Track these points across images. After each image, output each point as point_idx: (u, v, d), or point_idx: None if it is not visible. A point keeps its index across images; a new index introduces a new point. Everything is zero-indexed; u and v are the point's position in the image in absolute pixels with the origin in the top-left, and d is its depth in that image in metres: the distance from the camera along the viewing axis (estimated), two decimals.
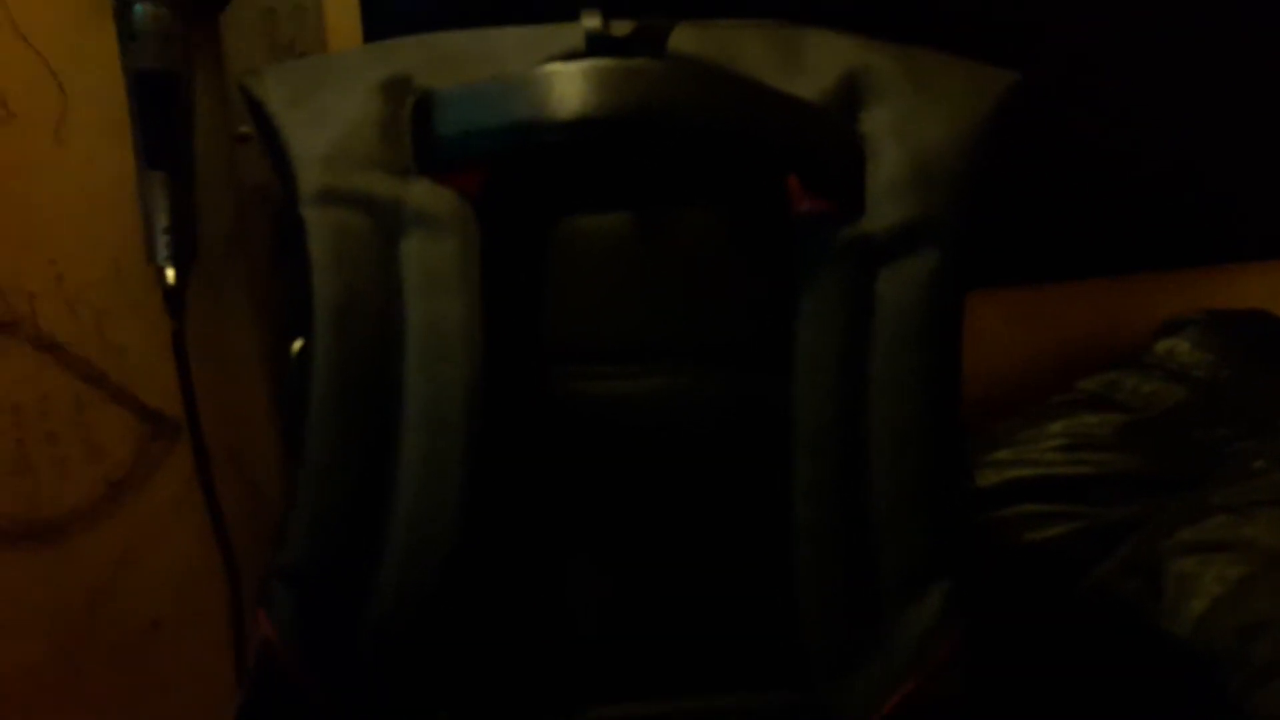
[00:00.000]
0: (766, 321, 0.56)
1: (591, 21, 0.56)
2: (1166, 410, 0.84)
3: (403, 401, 0.52)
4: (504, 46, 0.58)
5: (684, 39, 0.57)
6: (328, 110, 0.55)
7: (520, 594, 0.57)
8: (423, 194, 0.54)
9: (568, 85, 0.52)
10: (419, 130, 0.55)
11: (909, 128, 0.55)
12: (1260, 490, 0.75)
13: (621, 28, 0.56)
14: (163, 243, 0.68)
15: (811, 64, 0.57)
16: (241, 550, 0.75)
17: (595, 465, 0.57)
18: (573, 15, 0.57)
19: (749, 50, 0.57)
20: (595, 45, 0.55)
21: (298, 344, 0.56)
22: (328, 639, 0.52)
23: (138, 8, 0.64)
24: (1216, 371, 0.86)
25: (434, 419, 0.52)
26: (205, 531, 0.74)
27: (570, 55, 0.56)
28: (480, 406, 0.52)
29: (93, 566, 0.76)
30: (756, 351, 0.57)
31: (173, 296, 0.69)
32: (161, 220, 0.68)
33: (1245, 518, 0.74)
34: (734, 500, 0.57)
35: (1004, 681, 0.57)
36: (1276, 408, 0.82)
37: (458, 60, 0.57)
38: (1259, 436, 0.80)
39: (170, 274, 0.69)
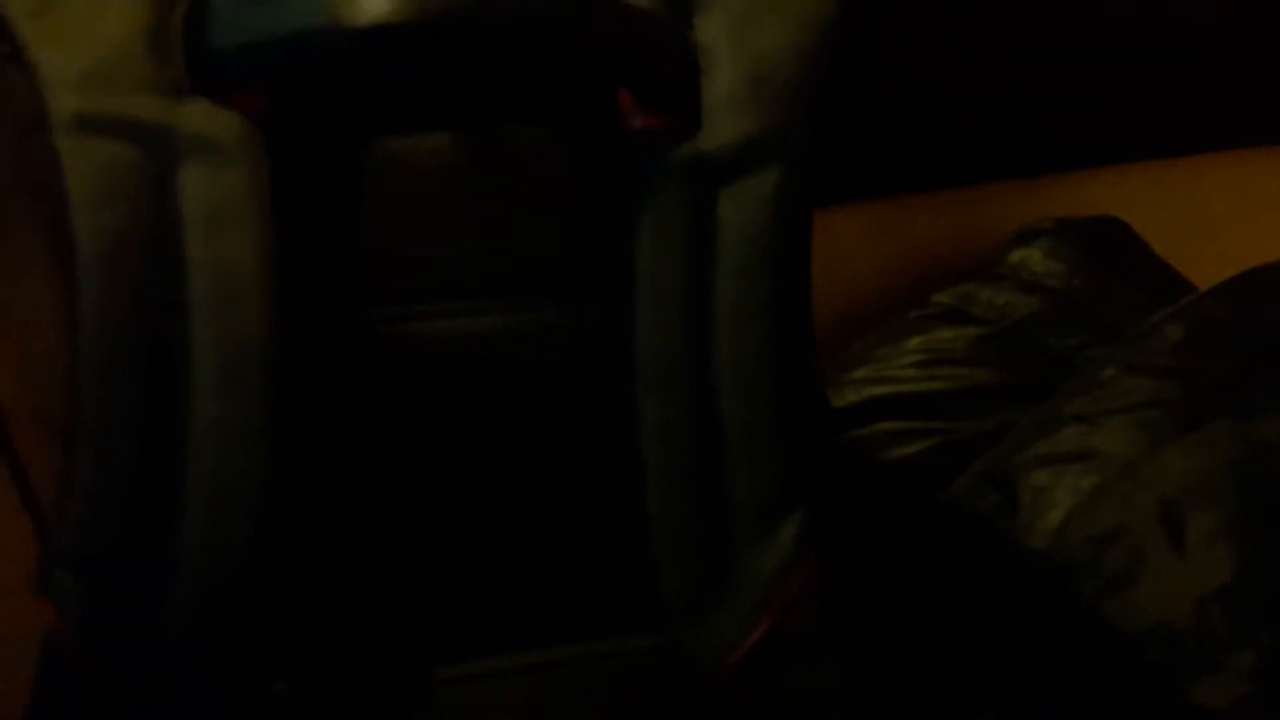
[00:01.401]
0: (606, 250, 0.52)
1: None
2: (1020, 321, 0.85)
3: (190, 357, 0.47)
4: None
5: None
6: (82, 21, 0.47)
7: (354, 555, 0.53)
8: (199, 117, 0.47)
9: None
10: (192, 43, 0.48)
11: (747, 36, 0.51)
12: (1110, 399, 0.76)
13: None
14: None
15: None
16: (51, 507, 0.69)
17: (427, 413, 0.53)
18: None
19: None
20: None
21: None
22: (124, 629, 0.47)
23: None
24: (1068, 280, 0.86)
25: (227, 376, 0.47)
26: (9, 487, 0.68)
27: None
28: (282, 359, 0.47)
29: None
30: (597, 282, 0.53)
31: None
32: None
33: (1096, 427, 0.75)
34: (581, 442, 0.54)
35: (862, 606, 0.56)
36: (1126, 315, 0.83)
37: None
38: (1109, 344, 0.81)
39: None
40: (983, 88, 0.88)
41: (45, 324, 0.70)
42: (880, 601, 0.65)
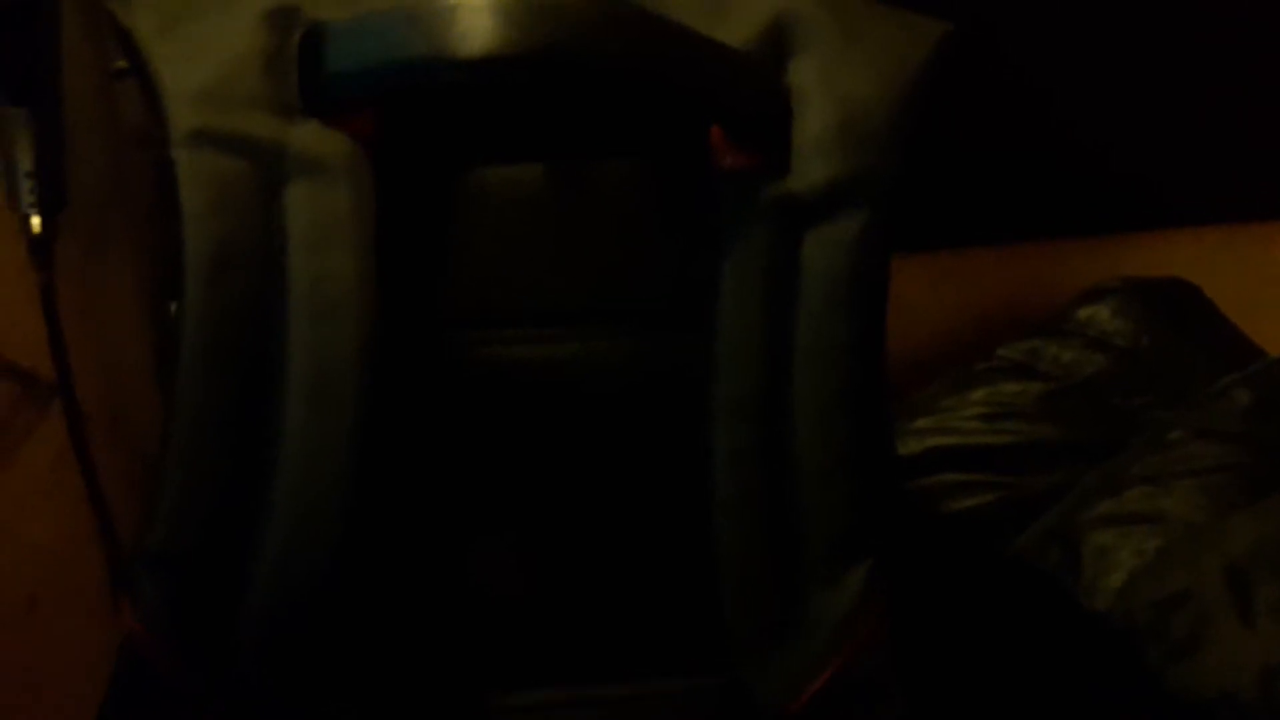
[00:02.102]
0: (687, 283, 0.53)
1: None
2: (1087, 378, 0.84)
3: (286, 368, 0.48)
4: None
5: None
6: (205, 41, 0.50)
7: (425, 576, 0.53)
8: (310, 137, 0.49)
9: (472, 19, 0.48)
10: (307, 66, 0.50)
11: (838, 80, 0.52)
12: (1176, 461, 0.75)
13: None
14: (26, 188, 0.62)
15: (737, 8, 0.53)
16: (125, 522, 0.70)
17: (505, 437, 0.53)
18: None
19: None
20: None
21: (176, 305, 0.51)
22: (203, 631, 0.48)
23: None
24: (1136, 340, 0.86)
25: (320, 388, 0.48)
26: (84, 502, 0.69)
27: None
28: (373, 375, 0.48)
29: None
30: (676, 315, 0.53)
31: (39, 247, 0.64)
32: (24, 163, 0.62)
33: (1162, 489, 0.74)
34: (653, 472, 0.54)
35: (928, 658, 0.55)
36: (1194, 377, 0.82)
37: None
38: (1176, 406, 0.80)
39: (35, 222, 0.63)
40: (1057, 143, 0.88)
41: (129, 335, 0.72)
42: (944, 654, 0.64)
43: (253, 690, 0.48)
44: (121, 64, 0.64)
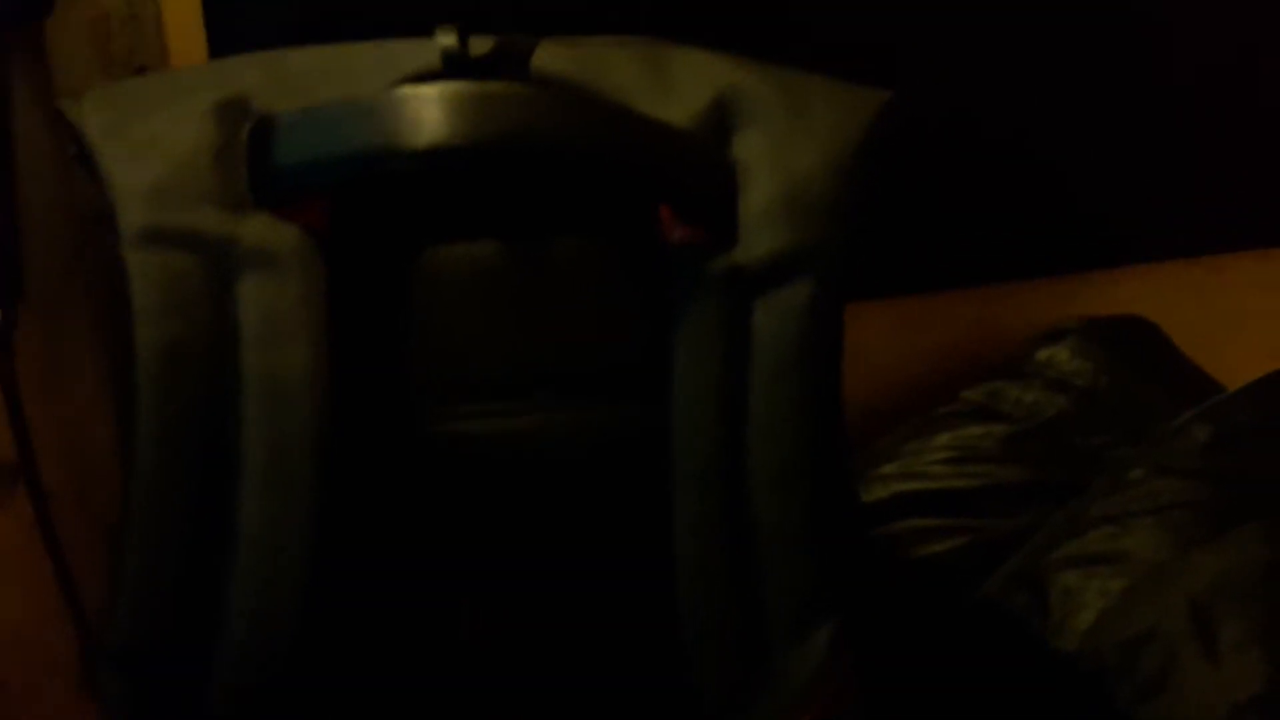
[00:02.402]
0: (642, 354, 0.53)
1: (447, 39, 0.52)
2: (1048, 419, 0.85)
3: (241, 458, 0.48)
4: (355, 65, 0.54)
5: (548, 58, 0.53)
6: (154, 139, 0.50)
7: (390, 648, 0.54)
8: (260, 230, 0.49)
9: (420, 110, 0.49)
10: (256, 159, 0.50)
11: (781, 154, 0.53)
12: (1137, 500, 0.76)
13: (481, 45, 0.53)
14: None
15: (681, 85, 0.54)
16: (94, 601, 0.70)
17: (469, 508, 0.54)
18: (431, 31, 0.53)
19: (616, 70, 0.54)
20: (452, 65, 0.52)
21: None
22: (178, 706, 0.48)
23: None
24: (1095, 379, 0.87)
25: (275, 477, 0.48)
26: (52, 582, 0.69)
27: (426, 76, 0.52)
28: (327, 462, 0.48)
29: None
30: (632, 385, 0.54)
31: None
32: None
33: (1124, 528, 0.75)
34: (616, 538, 0.55)
35: (896, 707, 0.56)
36: (1153, 414, 0.83)
37: (303, 80, 0.53)
38: (1137, 444, 0.81)
39: None
40: (1011, 185, 0.89)
41: (93, 417, 0.72)
42: (914, 702, 0.64)
43: None
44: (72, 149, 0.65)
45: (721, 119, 0.54)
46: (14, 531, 0.70)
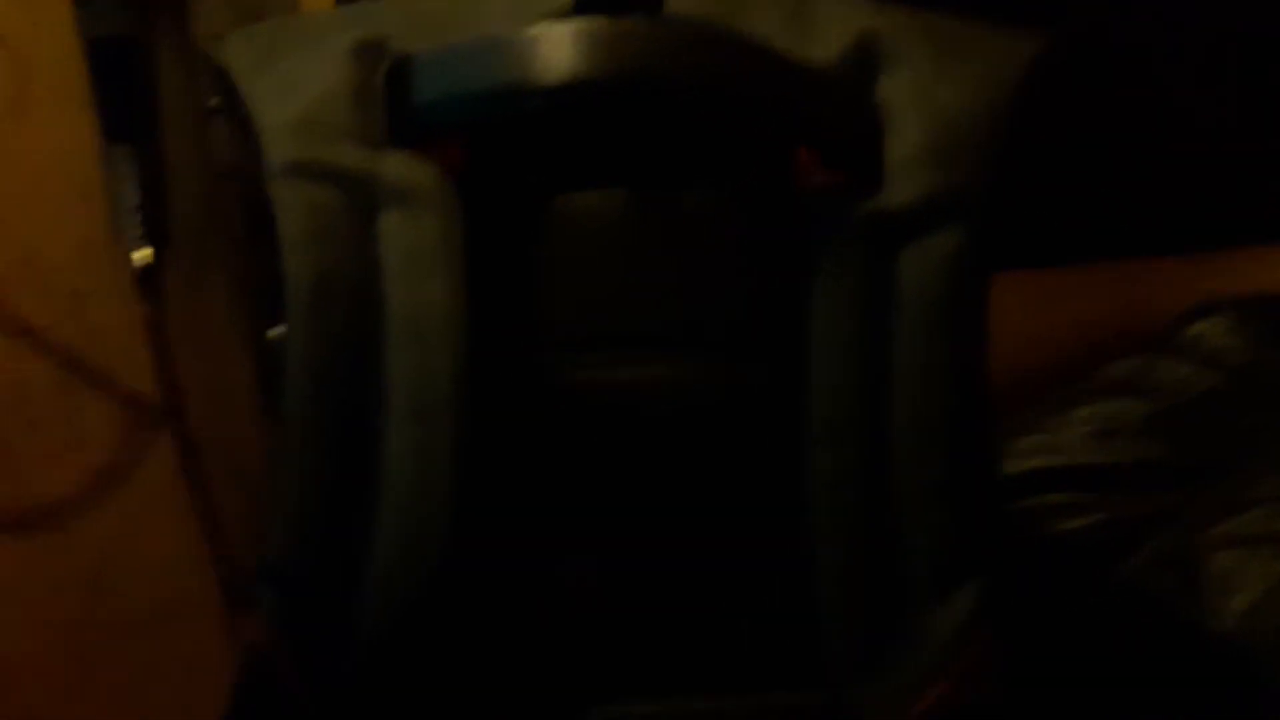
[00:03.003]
0: (776, 304, 0.52)
1: None
2: (1198, 397, 0.80)
3: (386, 389, 0.49)
4: (488, 6, 0.53)
5: None
6: (297, 77, 0.51)
7: (520, 590, 0.54)
8: (400, 167, 0.50)
9: (554, 47, 0.48)
10: (394, 98, 0.51)
11: (930, 96, 0.51)
12: None
13: None
14: (132, 222, 0.64)
15: (822, 27, 0.52)
16: (235, 537, 0.72)
17: (594, 457, 0.53)
18: None
19: (754, 11, 0.52)
20: (586, 3, 0.51)
21: (275, 331, 0.52)
22: (317, 640, 0.49)
23: None
24: (1250, 357, 0.82)
25: (419, 408, 0.48)
26: (196, 521, 0.72)
27: (560, 15, 0.51)
28: (467, 396, 0.48)
29: (84, 556, 0.73)
30: (767, 337, 0.53)
31: (146, 278, 0.66)
32: (130, 198, 0.64)
33: None
34: (747, 492, 0.53)
35: (1037, 683, 0.53)
36: None
37: (438, 22, 0.53)
38: None
39: (142, 255, 0.65)
40: (1163, 156, 0.85)
41: (230, 360, 0.74)
42: (1054, 680, 0.61)
43: (361, 698, 0.49)
44: (216, 102, 0.66)
45: (865, 61, 0.52)
46: (162, 470, 0.73)
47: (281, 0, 0.66)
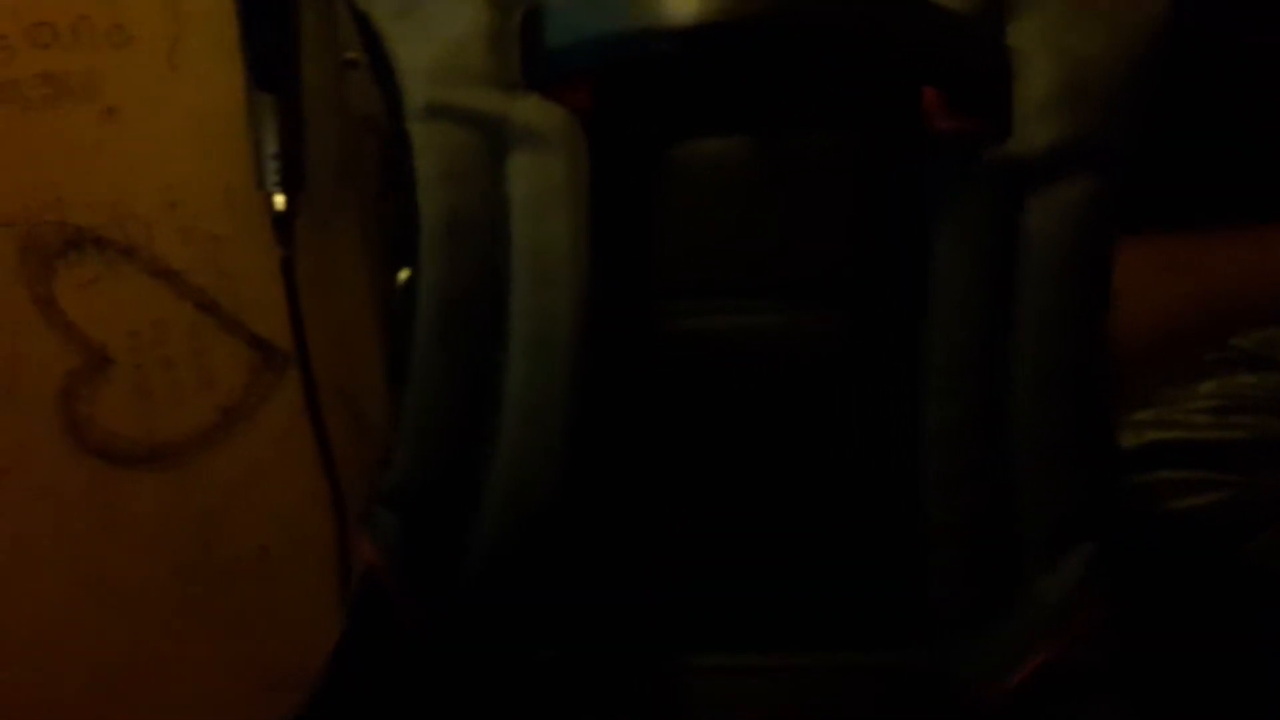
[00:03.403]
0: (897, 253, 0.52)
1: None
2: None
3: (509, 324, 0.51)
4: None
5: None
6: (435, 21, 0.53)
7: (625, 532, 0.55)
8: (531, 110, 0.51)
9: None
10: (528, 43, 0.52)
11: (1063, 40, 0.50)
12: None
13: None
14: (272, 168, 0.67)
15: None
16: (348, 482, 0.75)
17: (707, 403, 0.54)
18: None
19: None
20: None
21: (404, 273, 0.54)
22: (431, 564, 0.51)
23: None
24: None
25: (540, 343, 0.50)
26: (314, 461, 0.74)
27: None
28: (587, 333, 0.50)
29: (206, 491, 0.76)
30: (886, 286, 0.53)
31: (282, 224, 0.69)
32: (270, 145, 0.67)
33: None
34: (856, 445, 0.54)
35: (1149, 655, 0.52)
36: None
37: None
38: None
39: (279, 200, 0.68)
40: None
41: (358, 308, 0.77)
42: (1167, 653, 0.60)
43: (473, 622, 0.51)
44: (351, 55, 0.69)
45: (998, 3, 0.51)
46: (285, 413, 0.76)
47: None
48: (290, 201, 0.68)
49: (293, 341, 0.72)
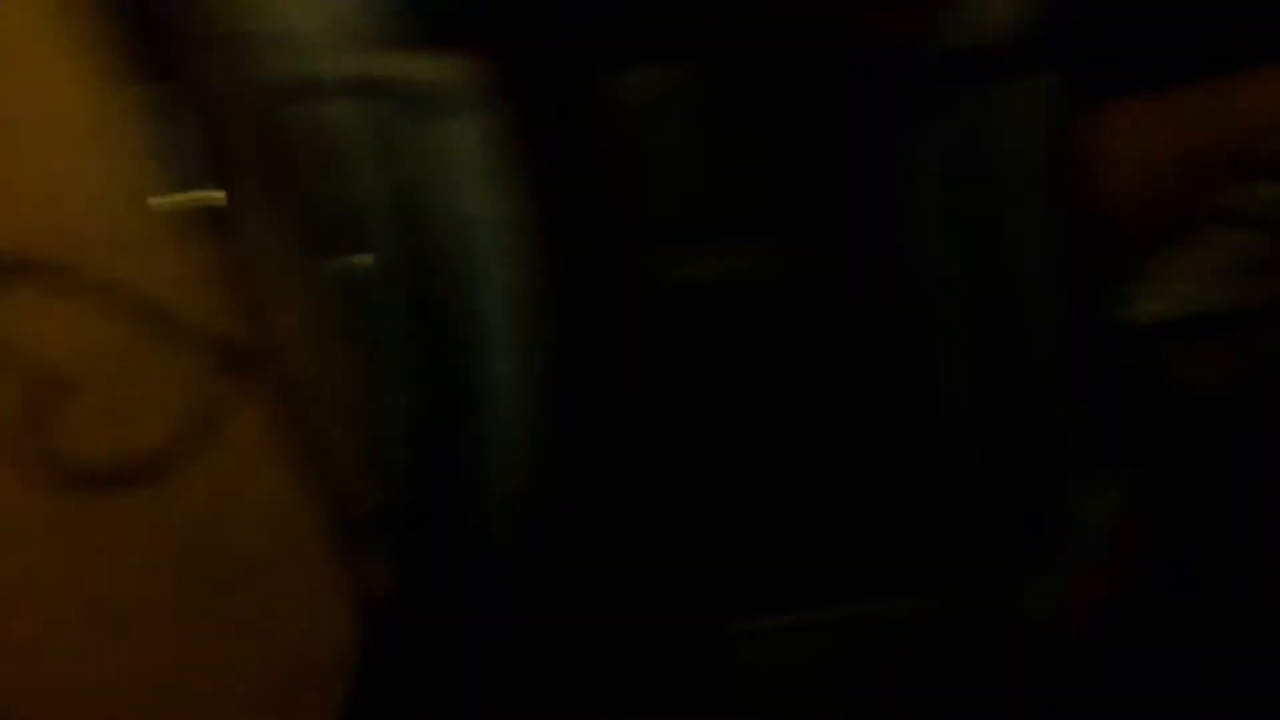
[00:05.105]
0: (861, 178, 0.49)
1: None
2: None
3: (469, 312, 0.49)
4: None
5: None
6: None
7: (636, 502, 0.53)
8: (428, 70, 0.48)
9: None
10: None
11: None
12: None
13: None
14: (185, 164, 0.64)
15: None
16: (336, 475, 0.73)
17: (702, 357, 0.52)
18: None
19: None
20: None
21: (359, 260, 0.51)
22: (439, 577, 0.49)
23: None
24: None
25: (507, 323, 0.47)
26: (297, 467, 0.72)
27: None
28: (553, 305, 0.47)
29: (190, 502, 0.75)
30: (854, 207, 0.49)
31: (220, 218, 0.66)
32: (175, 139, 0.63)
33: None
34: (860, 382, 0.51)
35: (1209, 570, 0.50)
36: None
37: None
38: None
39: (205, 196, 0.65)
40: None
41: (300, 297, 0.74)
42: (1224, 562, 0.58)
43: (492, 623, 0.49)
44: (240, 29, 0.64)
45: None
46: (260, 416, 0.73)
47: None
48: (219, 194, 0.65)
49: (255, 340, 0.69)
